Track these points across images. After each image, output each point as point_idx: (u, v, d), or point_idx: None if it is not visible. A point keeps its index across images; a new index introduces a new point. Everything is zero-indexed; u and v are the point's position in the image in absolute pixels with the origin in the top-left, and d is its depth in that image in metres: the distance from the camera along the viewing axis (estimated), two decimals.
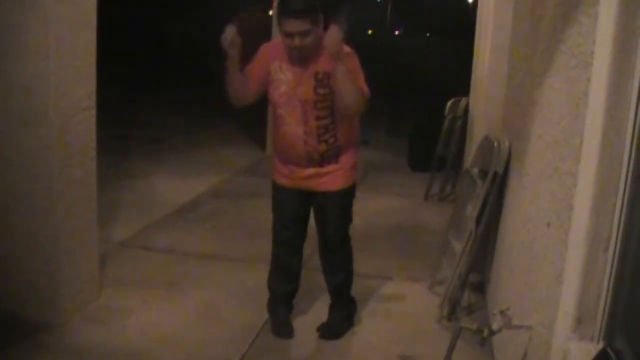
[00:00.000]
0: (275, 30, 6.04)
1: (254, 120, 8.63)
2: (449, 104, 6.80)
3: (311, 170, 3.49)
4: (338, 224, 3.65)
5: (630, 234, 1.94)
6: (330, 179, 3.52)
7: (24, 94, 3.40)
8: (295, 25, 3.19)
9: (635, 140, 1.90)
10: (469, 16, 7.07)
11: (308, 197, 3.60)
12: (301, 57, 3.34)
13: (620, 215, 1.95)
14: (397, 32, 27.64)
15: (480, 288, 4.37)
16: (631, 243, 1.94)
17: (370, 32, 25.87)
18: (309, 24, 3.21)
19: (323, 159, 3.47)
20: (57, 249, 3.59)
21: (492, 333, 2.73)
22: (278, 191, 3.66)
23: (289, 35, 3.24)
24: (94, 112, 3.72)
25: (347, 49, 3.37)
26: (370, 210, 6.22)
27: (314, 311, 3.98)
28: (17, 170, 3.52)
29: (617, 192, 1.95)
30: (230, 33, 3.24)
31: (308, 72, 3.35)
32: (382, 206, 6.53)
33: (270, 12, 8.07)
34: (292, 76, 3.39)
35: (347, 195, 3.61)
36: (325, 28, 3.35)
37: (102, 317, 3.80)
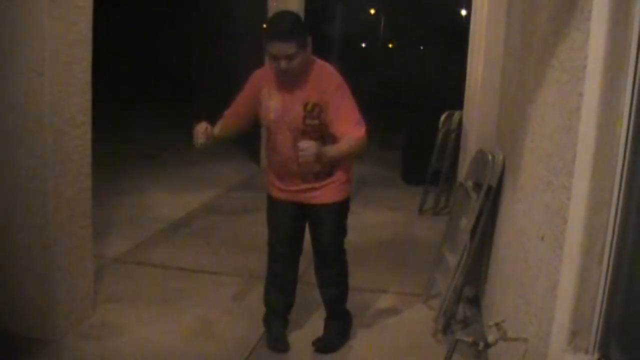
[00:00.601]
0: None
1: (247, 135, 8.63)
2: (442, 117, 6.83)
3: (307, 185, 3.51)
4: (333, 237, 3.65)
5: (624, 246, 1.95)
6: (325, 192, 3.53)
7: (18, 110, 3.41)
8: (281, 48, 3.20)
9: (627, 154, 1.92)
10: (462, 29, 7.10)
11: (303, 211, 3.61)
12: (289, 81, 3.35)
13: (614, 228, 1.97)
14: (390, 45, 27.77)
15: (475, 301, 4.37)
16: (624, 256, 1.96)
17: (363, 44, 25.99)
18: (294, 47, 3.20)
19: (317, 177, 3.49)
20: (51, 265, 3.58)
21: (487, 346, 2.73)
22: (273, 204, 3.68)
23: (275, 58, 3.24)
24: (88, 128, 3.72)
25: (337, 80, 3.39)
26: (365, 224, 6.23)
27: (310, 325, 3.98)
28: (11, 187, 3.51)
29: (610, 205, 1.97)
30: (198, 138, 3.34)
31: (296, 100, 3.36)
32: (376, 220, 6.54)
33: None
34: (280, 103, 3.41)
35: (341, 208, 3.62)
36: (314, 52, 3.38)
37: (97, 334, 3.78)
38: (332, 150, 3.31)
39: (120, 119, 11.46)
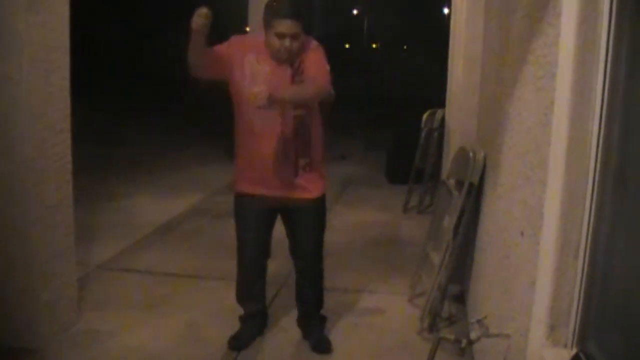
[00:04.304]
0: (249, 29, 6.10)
1: (230, 140, 8.62)
2: (425, 116, 6.86)
3: (289, 179, 3.48)
4: (319, 234, 3.67)
5: (599, 240, 1.97)
6: (311, 185, 3.52)
7: None
8: (290, 26, 3.23)
9: (600, 147, 1.93)
10: (444, 28, 7.15)
11: (276, 214, 3.62)
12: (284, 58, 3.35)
13: (589, 222, 1.98)
14: (374, 45, 27.86)
15: (460, 299, 4.39)
16: (600, 249, 1.97)
17: (347, 45, 26.06)
18: (300, 28, 3.27)
19: (298, 157, 3.46)
20: (34, 273, 3.56)
21: (470, 343, 2.76)
22: (244, 203, 3.63)
23: (282, 36, 3.26)
24: (69, 134, 3.70)
25: (313, 43, 3.43)
26: (349, 223, 6.24)
27: (296, 328, 3.97)
28: None
29: (585, 199, 1.98)
30: (202, 17, 3.06)
31: (285, 65, 3.37)
32: (361, 219, 6.55)
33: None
34: (269, 67, 3.39)
35: (324, 203, 3.64)
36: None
37: (83, 342, 3.76)
38: (288, 91, 3.27)
39: (104, 124, 11.42)
